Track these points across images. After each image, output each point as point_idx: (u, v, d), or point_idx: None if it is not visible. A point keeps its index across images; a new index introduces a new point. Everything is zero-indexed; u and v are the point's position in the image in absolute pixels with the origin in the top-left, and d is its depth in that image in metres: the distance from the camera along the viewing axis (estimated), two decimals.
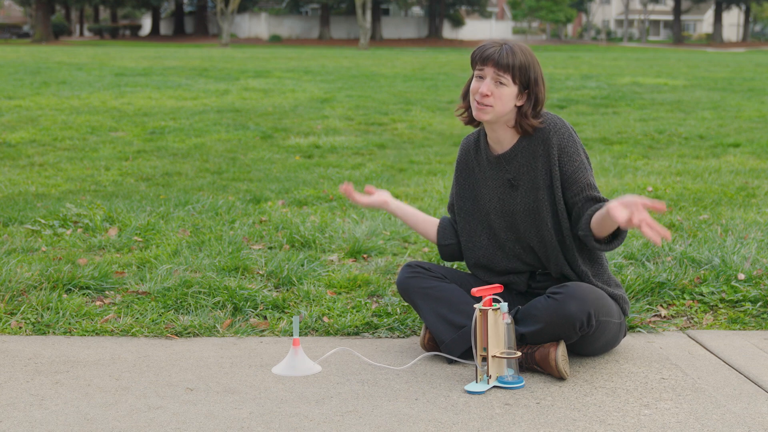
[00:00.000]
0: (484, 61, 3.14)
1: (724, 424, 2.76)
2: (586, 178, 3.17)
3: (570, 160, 3.17)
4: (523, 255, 3.33)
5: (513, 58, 3.12)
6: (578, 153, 3.18)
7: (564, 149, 3.18)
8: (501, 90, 3.14)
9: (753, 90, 17.48)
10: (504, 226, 3.32)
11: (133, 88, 16.54)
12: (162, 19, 76.39)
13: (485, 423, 2.75)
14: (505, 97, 3.14)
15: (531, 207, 3.24)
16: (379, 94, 16.00)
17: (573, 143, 3.19)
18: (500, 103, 3.15)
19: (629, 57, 36.99)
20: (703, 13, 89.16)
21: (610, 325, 3.20)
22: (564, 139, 3.18)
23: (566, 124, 3.22)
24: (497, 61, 3.12)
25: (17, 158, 8.54)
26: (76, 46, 49.42)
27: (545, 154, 3.20)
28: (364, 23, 53.87)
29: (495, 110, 3.16)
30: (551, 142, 3.18)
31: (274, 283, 4.19)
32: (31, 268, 4.25)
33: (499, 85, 3.13)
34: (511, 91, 3.14)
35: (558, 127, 3.19)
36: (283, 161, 8.57)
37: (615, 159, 8.61)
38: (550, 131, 3.19)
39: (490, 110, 3.16)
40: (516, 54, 3.13)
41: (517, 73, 3.12)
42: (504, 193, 3.29)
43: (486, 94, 3.13)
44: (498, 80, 3.13)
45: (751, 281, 4.13)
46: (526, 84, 3.15)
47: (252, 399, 2.93)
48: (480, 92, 3.15)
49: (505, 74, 3.12)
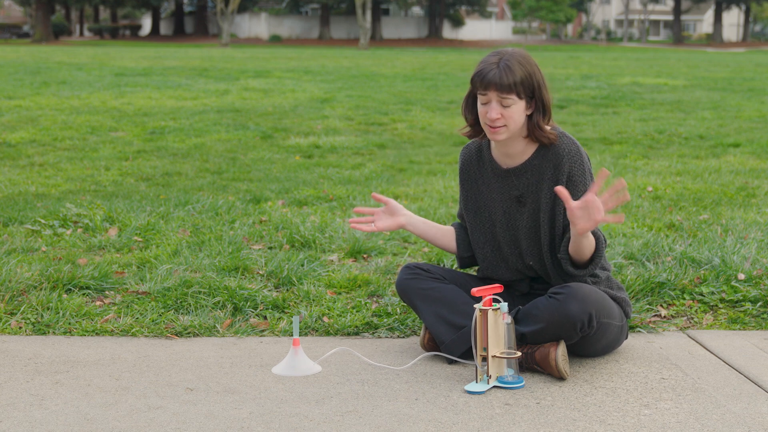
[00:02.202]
0: (486, 87, 3.10)
1: (724, 424, 2.76)
2: None
3: (575, 190, 3.15)
4: (524, 270, 3.34)
5: (513, 76, 3.07)
6: (584, 183, 3.16)
7: (572, 177, 3.16)
8: (509, 110, 3.11)
9: (753, 90, 17.48)
10: (508, 240, 3.33)
11: (133, 88, 16.54)
12: (162, 19, 76.38)
13: (485, 423, 2.75)
14: (515, 115, 3.12)
15: (533, 226, 3.25)
16: (379, 94, 16.00)
17: (582, 172, 3.16)
18: (512, 121, 3.13)
19: (629, 57, 36.99)
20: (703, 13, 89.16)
21: (611, 327, 3.20)
22: (575, 166, 3.16)
23: (580, 150, 3.19)
24: (499, 85, 3.07)
25: (17, 158, 8.54)
26: (76, 46, 49.42)
27: (554, 177, 3.18)
28: (364, 23, 53.86)
29: (509, 129, 3.14)
30: (562, 168, 3.16)
31: (274, 283, 4.19)
32: (31, 268, 4.24)
33: (507, 106, 3.10)
34: (520, 107, 3.12)
35: (572, 154, 3.16)
36: (283, 161, 8.57)
37: (615, 159, 8.61)
38: (563, 156, 3.16)
39: (504, 130, 3.14)
40: (514, 70, 3.08)
41: (520, 89, 3.09)
42: (511, 207, 3.29)
43: (496, 117, 3.11)
44: (503, 102, 3.10)
45: (751, 281, 4.12)
46: (531, 94, 3.14)
47: (252, 399, 2.93)
48: (489, 117, 3.12)
49: (509, 95, 3.09)
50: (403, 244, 4.97)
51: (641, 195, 6.46)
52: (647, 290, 4.05)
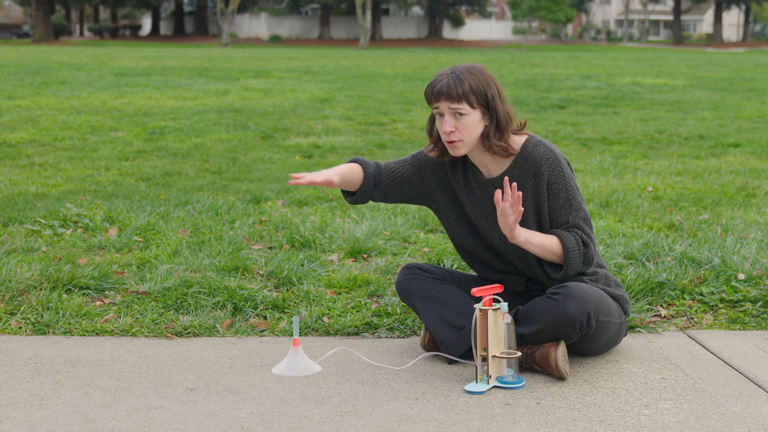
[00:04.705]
0: (436, 97, 3.09)
1: (724, 424, 2.76)
2: (566, 216, 3.13)
3: (556, 197, 3.12)
4: (516, 270, 3.33)
5: (462, 85, 3.04)
6: (565, 190, 3.12)
7: (552, 185, 3.12)
8: (463, 121, 3.07)
9: (753, 90, 17.48)
10: (495, 244, 3.29)
11: (133, 88, 16.54)
12: (162, 19, 76.38)
13: (485, 423, 2.75)
14: (471, 126, 3.08)
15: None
16: (379, 94, 16.00)
17: (563, 179, 3.12)
18: (468, 133, 3.09)
19: (629, 57, 36.99)
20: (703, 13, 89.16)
21: (610, 325, 3.20)
22: (554, 174, 3.12)
23: (558, 157, 3.13)
24: (448, 94, 3.05)
25: (17, 158, 8.54)
26: (76, 46, 49.43)
27: (535, 187, 3.15)
28: (364, 23, 53.86)
29: (465, 142, 3.11)
30: (542, 177, 3.12)
31: (274, 283, 4.19)
32: (31, 268, 4.24)
33: (460, 117, 3.07)
34: (474, 118, 3.08)
35: (550, 161, 3.12)
36: (283, 161, 8.57)
37: (615, 159, 8.61)
38: (542, 165, 3.12)
39: (461, 144, 3.11)
40: (464, 80, 3.05)
41: (471, 98, 3.05)
42: (494, 216, 3.24)
43: (450, 131, 3.08)
44: (455, 112, 3.07)
45: (751, 281, 4.13)
46: (486, 104, 3.08)
47: (252, 399, 2.93)
48: (443, 131, 3.09)
49: (459, 104, 3.05)
50: (403, 244, 4.97)
51: (641, 195, 6.46)
52: (647, 290, 4.05)
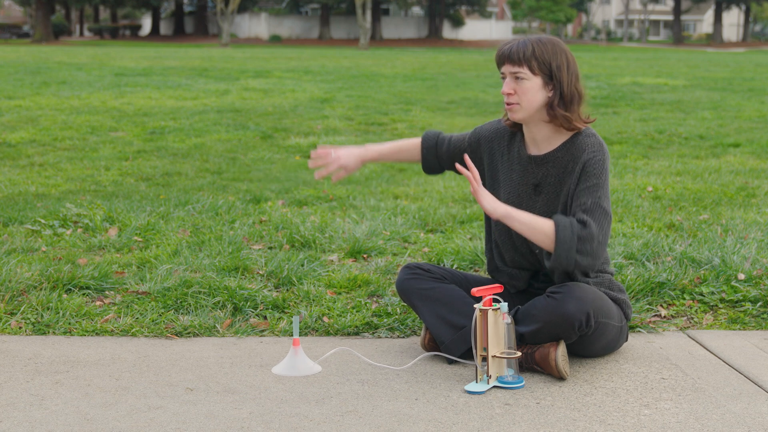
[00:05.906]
0: (501, 60, 3.14)
1: (724, 424, 2.76)
2: (586, 198, 3.07)
3: (585, 178, 3.10)
4: (529, 256, 3.31)
5: (525, 50, 3.07)
6: (597, 177, 3.09)
7: (586, 168, 3.10)
8: (522, 85, 3.10)
9: (753, 90, 17.48)
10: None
11: (133, 88, 16.54)
12: (162, 19, 76.38)
13: (485, 423, 2.75)
14: (529, 91, 3.10)
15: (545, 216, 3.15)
16: (379, 94, 16.00)
17: (600, 167, 3.09)
18: (525, 98, 3.10)
19: (629, 57, 36.99)
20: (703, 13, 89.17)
21: (610, 328, 3.19)
22: (593, 160, 3.10)
23: (603, 150, 3.13)
24: (509, 57, 3.10)
25: (17, 158, 8.53)
26: (76, 46, 49.43)
27: (573, 171, 3.13)
28: (364, 23, 53.86)
29: (522, 107, 3.12)
30: (581, 162, 3.11)
31: (274, 283, 4.19)
32: (31, 268, 4.25)
33: (520, 81, 3.10)
34: (534, 84, 3.09)
35: (595, 149, 3.11)
36: (283, 161, 8.57)
37: (615, 159, 8.61)
38: (586, 149, 3.12)
39: (517, 108, 3.13)
40: (528, 45, 3.08)
41: (533, 63, 3.07)
42: (525, 194, 3.23)
43: (508, 92, 3.11)
44: (516, 75, 3.10)
45: (751, 281, 4.13)
46: (550, 74, 3.10)
47: (252, 399, 2.93)
48: (502, 92, 3.13)
49: (520, 68, 3.08)
50: (403, 244, 4.97)
51: (641, 195, 6.46)
52: (647, 290, 4.05)
